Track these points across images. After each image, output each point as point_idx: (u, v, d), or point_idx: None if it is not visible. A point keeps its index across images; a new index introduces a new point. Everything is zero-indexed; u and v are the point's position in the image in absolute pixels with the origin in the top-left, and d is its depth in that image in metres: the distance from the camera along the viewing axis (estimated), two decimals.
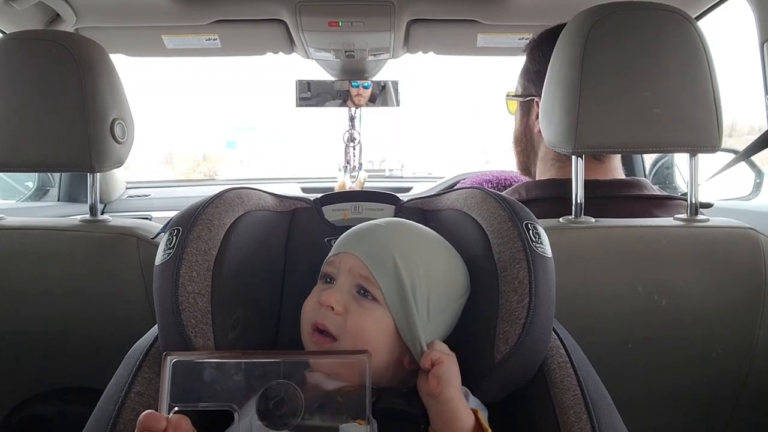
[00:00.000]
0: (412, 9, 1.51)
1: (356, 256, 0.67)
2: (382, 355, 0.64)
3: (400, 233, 0.70)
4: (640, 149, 1.05)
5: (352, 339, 0.64)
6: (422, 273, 0.66)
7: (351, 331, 0.64)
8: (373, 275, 0.65)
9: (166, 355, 0.53)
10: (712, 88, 0.90)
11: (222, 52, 1.73)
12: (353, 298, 0.65)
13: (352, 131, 2.05)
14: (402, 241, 0.68)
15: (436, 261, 0.68)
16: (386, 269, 0.65)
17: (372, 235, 0.69)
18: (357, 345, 0.63)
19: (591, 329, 0.81)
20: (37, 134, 0.99)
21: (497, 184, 1.49)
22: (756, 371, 0.91)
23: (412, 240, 0.69)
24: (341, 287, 0.66)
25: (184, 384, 0.53)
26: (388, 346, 0.65)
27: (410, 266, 0.65)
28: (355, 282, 0.66)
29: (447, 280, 0.68)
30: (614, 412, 0.62)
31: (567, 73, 0.91)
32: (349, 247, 0.68)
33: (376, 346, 0.63)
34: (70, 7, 1.46)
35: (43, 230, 1.04)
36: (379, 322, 0.65)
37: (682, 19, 0.91)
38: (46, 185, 2.02)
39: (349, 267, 0.67)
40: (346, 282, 0.66)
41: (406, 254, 0.66)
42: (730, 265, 0.91)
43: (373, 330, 0.64)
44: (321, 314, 0.65)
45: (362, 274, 0.66)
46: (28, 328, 1.01)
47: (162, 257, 0.67)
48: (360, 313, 0.65)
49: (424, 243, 0.70)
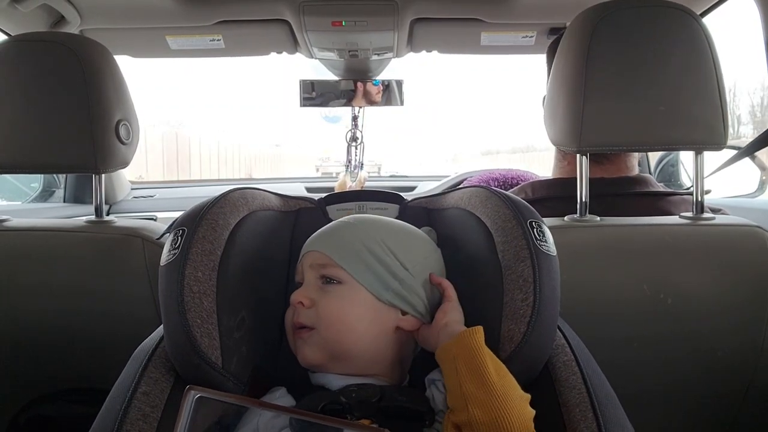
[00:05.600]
0: (416, 8, 1.50)
1: (315, 251, 0.70)
2: (367, 324, 0.67)
3: (356, 220, 0.74)
4: (645, 147, 1.04)
5: (327, 322, 0.67)
6: (380, 238, 0.70)
7: (324, 316, 0.67)
8: (333, 258, 0.69)
9: (189, 389, 0.50)
10: (717, 85, 0.90)
11: (226, 53, 1.73)
12: (319, 289, 0.69)
13: (354, 131, 2.05)
14: (358, 224, 0.73)
15: (393, 227, 0.74)
16: (345, 248, 0.69)
17: (328, 229, 0.73)
18: (334, 327, 0.67)
19: (596, 327, 0.81)
20: (42, 136, 0.99)
21: (504, 182, 1.49)
22: (763, 368, 0.91)
23: (366, 220, 0.74)
24: (307, 284, 0.70)
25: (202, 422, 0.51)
26: (369, 315, 0.68)
27: (367, 237, 0.70)
28: (318, 274, 0.69)
29: (409, 237, 0.73)
30: (620, 410, 0.62)
31: (571, 71, 0.91)
32: (307, 247, 0.72)
33: (355, 319, 0.67)
34: (74, 9, 1.47)
35: (49, 231, 1.05)
36: (347, 298, 0.68)
37: (687, 16, 0.90)
38: (51, 186, 2.02)
39: (310, 263, 0.70)
40: (311, 277, 0.70)
41: (362, 230, 0.71)
42: (736, 262, 0.91)
43: (344, 307, 0.67)
44: (295, 313, 0.68)
45: (321, 263, 0.69)
46: (35, 328, 1.02)
47: (167, 257, 0.67)
48: (326, 298, 0.68)
49: (380, 220, 0.75)
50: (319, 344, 0.67)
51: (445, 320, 0.66)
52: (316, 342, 0.67)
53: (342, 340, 0.67)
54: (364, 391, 0.63)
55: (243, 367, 0.67)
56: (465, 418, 0.56)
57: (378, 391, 0.63)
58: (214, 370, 0.63)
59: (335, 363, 0.67)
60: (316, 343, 0.67)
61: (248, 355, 0.68)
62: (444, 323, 0.66)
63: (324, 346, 0.67)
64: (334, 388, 0.65)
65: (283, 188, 0.94)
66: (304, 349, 0.68)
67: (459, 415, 0.57)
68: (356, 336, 0.67)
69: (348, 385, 0.64)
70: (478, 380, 0.57)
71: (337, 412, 0.61)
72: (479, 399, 0.56)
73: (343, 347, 0.67)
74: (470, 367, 0.58)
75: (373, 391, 0.63)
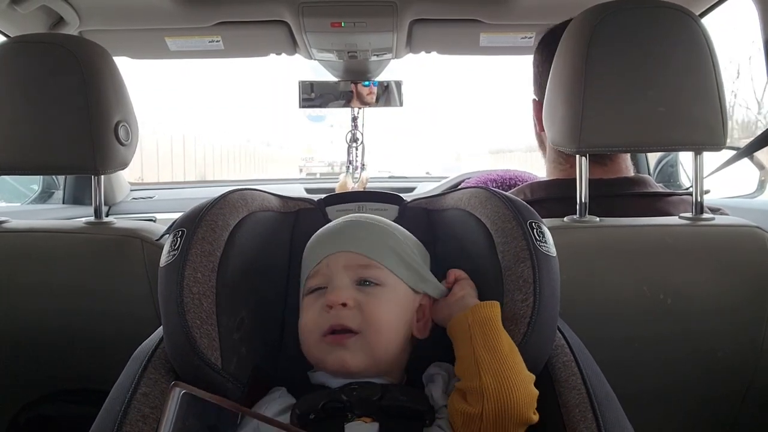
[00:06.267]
0: (415, 9, 1.50)
1: (350, 252, 0.68)
2: (401, 329, 0.67)
3: (369, 219, 0.74)
4: (645, 148, 1.04)
5: (376, 326, 0.65)
6: (396, 234, 0.72)
7: (371, 320, 0.65)
8: (374, 258, 0.68)
9: (174, 385, 0.49)
10: (716, 86, 0.90)
11: (225, 54, 1.73)
12: (357, 290, 0.66)
13: (354, 131, 2.05)
14: (375, 222, 0.73)
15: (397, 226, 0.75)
16: (380, 248, 0.69)
17: (352, 229, 0.72)
18: (383, 331, 0.65)
19: (596, 328, 0.81)
20: (41, 137, 0.99)
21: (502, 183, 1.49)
22: (763, 369, 0.91)
23: (376, 219, 0.74)
24: (341, 285, 0.66)
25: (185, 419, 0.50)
26: (405, 318, 0.68)
27: (387, 233, 0.71)
28: (356, 276, 0.67)
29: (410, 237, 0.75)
30: (620, 411, 0.62)
31: (571, 71, 0.91)
32: (335, 246, 0.70)
33: (396, 325, 0.67)
34: (73, 10, 1.47)
35: (48, 233, 1.04)
36: (392, 300, 0.67)
37: (686, 16, 0.90)
38: (51, 188, 2.02)
39: (344, 264, 0.68)
40: (345, 279, 0.67)
41: (382, 227, 0.72)
42: (735, 263, 0.91)
43: (389, 311, 0.66)
44: (334, 316, 0.65)
45: (362, 264, 0.68)
46: (34, 329, 1.02)
47: (166, 259, 0.67)
48: (371, 301, 0.66)
49: (391, 225, 0.75)
50: (364, 350, 0.64)
51: (462, 293, 0.68)
52: (361, 347, 0.64)
53: (389, 345, 0.65)
54: (365, 390, 0.62)
55: (243, 367, 0.67)
56: (476, 385, 0.57)
57: (379, 390, 0.62)
58: (214, 370, 0.63)
59: (372, 368, 0.65)
60: (361, 348, 0.64)
61: (248, 355, 0.68)
62: (461, 296, 0.68)
63: (369, 352, 0.64)
64: (334, 387, 0.65)
65: (282, 189, 0.94)
66: (344, 355, 0.63)
67: (469, 382, 0.58)
68: (400, 339, 0.67)
69: (349, 383, 0.64)
70: (491, 348, 0.59)
71: (338, 410, 0.61)
72: (492, 366, 0.58)
73: (388, 352, 0.65)
74: (485, 336, 0.60)
75: (374, 390, 0.62)
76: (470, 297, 0.68)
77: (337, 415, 0.60)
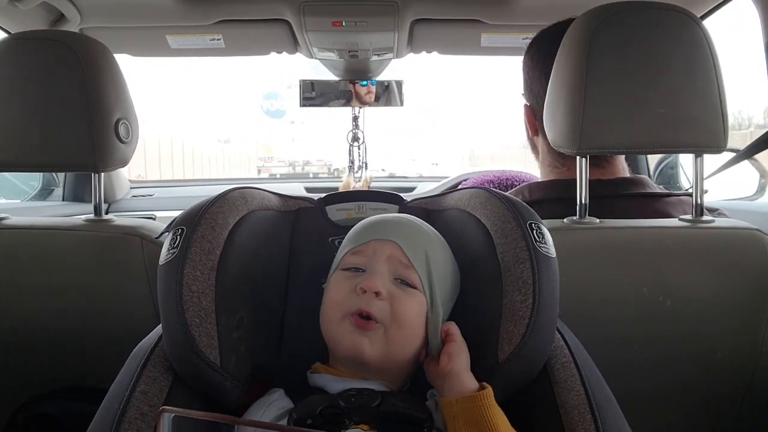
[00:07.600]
0: (416, 9, 1.50)
1: (396, 244, 0.68)
2: (418, 340, 0.66)
3: (424, 227, 0.73)
4: (645, 149, 1.04)
5: (400, 323, 0.65)
6: (438, 268, 0.69)
7: (398, 317, 0.65)
8: (412, 262, 0.67)
9: (163, 411, 0.47)
10: (717, 88, 0.90)
11: (226, 52, 1.73)
12: (394, 285, 0.67)
13: (355, 131, 2.05)
14: (427, 233, 0.72)
15: (444, 259, 0.72)
16: (419, 256, 0.68)
17: (406, 226, 0.71)
18: (406, 331, 0.65)
19: (595, 329, 0.81)
20: (41, 134, 0.99)
21: (499, 184, 1.49)
22: (762, 370, 0.91)
23: (431, 235, 0.72)
24: (380, 274, 0.66)
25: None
26: (423, 332, 0.67)
27: (432, 257, 0.69)
28: (394, 270, 0.67)
29: (450, 277, 0.72)
30: (618, 413, 0.62)
31: (571, 73, 0.91)
32: (386, 234, 0.70)
33: (418, 332, 0.66)
34: (74, 7, 1.47)
35: (48, 230, 1.04)
36: (419, 307, 0.67)
37: (687, 18, 0.90)
38: (50, 185, 2.02)
39: (388, 255, 0.68)
40: (384, 269, 0.67)
41: (430, 245, 0.70)
42: (735, 265, 0.91)
43: (416, 315, 0.66)
44: (364, 301, 0.65)
45: (402, 261, 0.68)
46: (33, 327, 1.02)
47: (166, 257, 0.67)
48: (404, 298, 0.66)
49: (437, 241, 0.73)
50: (381, 342, 0.64)
51: (450, 366, 0.63)
52: (380, 339, 0.64)
53: (406, 346, 0.65)
54: (363, 396, 0.62)
55: (241, 366, 0.67)
56: None
57: (378, 396, 0.62)
58: (213, 369, 0.63)
59: (384, 364, 0.65)
60: (380, 340, 0.64)
61: (247, 354, 0.68)
62: (449, 369, 0.63)
63: (386, 347, 0.64)
64: (332, 391, 0.64)
65: (282, 188, 0.94)
66: (363, 341, 0.64)
67: None
68: (416, 345, 0.66)
69: (347, 389, 0.64)
70: None
71: (336, 416, 0.61)
72: None
73: (403, 352, 0.65)
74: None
75: (372, 396, 0.62)
76: (460, 372, 0.63)
77: (334, 422, 0.60)
